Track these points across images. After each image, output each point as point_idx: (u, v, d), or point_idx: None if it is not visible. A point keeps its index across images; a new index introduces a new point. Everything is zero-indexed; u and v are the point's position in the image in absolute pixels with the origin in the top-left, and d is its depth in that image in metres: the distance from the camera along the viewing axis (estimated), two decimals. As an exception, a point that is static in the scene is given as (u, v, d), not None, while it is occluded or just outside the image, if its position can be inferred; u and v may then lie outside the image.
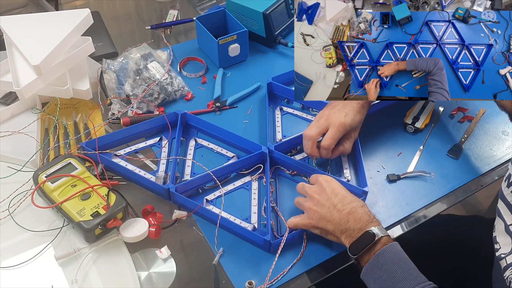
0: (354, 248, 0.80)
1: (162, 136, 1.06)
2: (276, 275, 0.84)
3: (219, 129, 1.05)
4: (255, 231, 0.89)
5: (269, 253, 0.87)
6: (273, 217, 0.92)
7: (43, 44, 1.02)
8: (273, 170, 1.01)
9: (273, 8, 1.26)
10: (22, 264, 0.83)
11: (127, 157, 1.00)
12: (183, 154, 1.04)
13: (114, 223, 0.85)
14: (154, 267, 0.84)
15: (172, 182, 0.94)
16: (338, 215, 0.82)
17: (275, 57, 1.30)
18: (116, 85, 1.12)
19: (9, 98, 1.07)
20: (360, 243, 0.79)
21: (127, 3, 1.54)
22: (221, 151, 1.05)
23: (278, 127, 1.10)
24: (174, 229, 0.91)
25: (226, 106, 1.15)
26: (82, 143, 0.99)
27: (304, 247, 0.88)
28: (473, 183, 1.01)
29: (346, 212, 0.82)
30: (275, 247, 0.86)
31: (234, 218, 0.91)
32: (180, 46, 1.32)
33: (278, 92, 1.17)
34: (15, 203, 0.91)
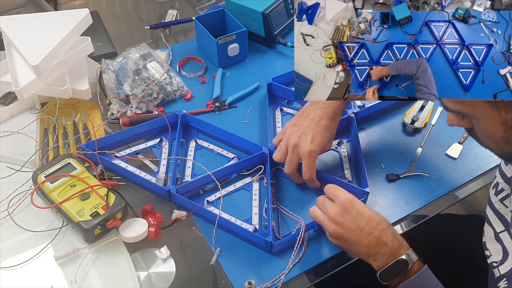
0: (385, 274, 0.78)
1: (162, 137, 1.06)
2: (276, 275, 0.84)
3: (219, 130, 1.05)
4: (256, 232, 0.89)
5: (270, 254, 0.87)
6: (274, 218, 0.92)
7: (42, 44, 1.01)
8: (273, 171, 1.01)
9: (272, 8, 1.26)
10: (21, 264, 0.83)
11: (127, 158, 1.00)
12: (183, 155, 1.03)
13: (113, 223, 0.85)
14: (153, 267, 0.84)
15: (172, 183, 0.93)
16: (366, 239, 0.79)
17: (275, 56, 1.30)
18: (115, 85, 1.12)
19: (8, 98, 1.07)
20: (392, 271, 0.78)
21: (126, 3, 1.54)
22: (222, 152, 1.05)
23: (279, 128, 1.10)
24: (174, 229, 0.91)
25: (225, 106, 1.15)
26: (82, 145, 0.98)
27: (305, 247, 0.88)
28: (472, 183, 1.01)
29: (374, 236, 0.79)
30: (276, 248, 0.86)
31: (235, 220, 0.91)
32: (179, 46, 1.32)
33: (278, 93, 1.17)
34: (15, 203, 0.91)
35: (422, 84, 0.75)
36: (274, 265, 0.85)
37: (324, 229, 0.85)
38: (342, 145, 1.07)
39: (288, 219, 0.93)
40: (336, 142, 1.07)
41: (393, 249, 0.78)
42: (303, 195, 0.98)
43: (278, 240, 0.87)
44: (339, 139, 1.07)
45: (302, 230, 0.86)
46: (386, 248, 0.78)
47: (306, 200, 0.96)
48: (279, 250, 0.87)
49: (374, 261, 0.79)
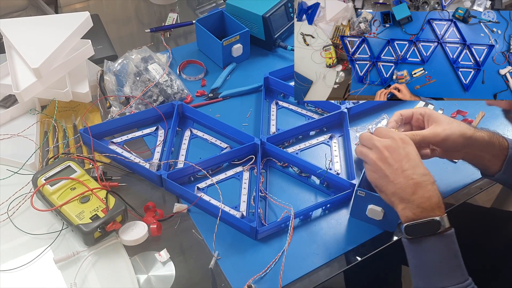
0: (413, 230, 0.74)
1: (158, 126, 1.09)
2: (276, 277, 0.83)
3: (214, 120, 1.08)
4: (243, 218, 0.91)
5: (257, 241, 0.88)
6: (262, 206, 0.94)
7: (42, 47, 1.02)
8: (264, 161, 1.03)
9: (272, 11, 1.27)
10: (21, 267, 0.83)
11: (124, 145, 1.04)
12: (178, 143, 1.06)
13: (113, 226, 0.85)
14: (153, 270, 0.84)
15: (165, 169, 0.96)
16: (405, 181, 0.74)
17: (275, 60, 1.31)
18: (116, 87, 1.12)
19: (9, 101, 1.07)
20: (421, 229, 0.73)
21: (127, 6, 1.54)
22: (215, 142, 1.08)
23: (273, 121, 1.12)
24: (174, 232, 0.90)
25: (218, 98, 1.17)
26: (80, 129, 1.02)
27: (289, 238, 0.88)
28: (472, 186, 1.01)
29: (414, 182, 0.74)
30: (261, 234, 0.88)
31: (223, 206, 0.92)
32: (179, 49, 1.32)
33: (275, 87, 1.19)
34: (14, 206, 0.90)
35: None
36: (273, 266, 0.85)
37: (365, 161, 0.81)
38: (333, 139, 1.09)
39: (276, 208, 0.94)
40: (328, 136, 1.09)
41: (429, 205, 0.73)
42: (292, 186, 0.99)
43: (263, 226, 0.88)
44: (330, 133, 1.10)
45: (292, 217, 0.88)
46: (422, 200, 0.73)
47: (296, 191, 0.98)
48: (265, 237, 0.89)
49: (404, 209, 0.75)
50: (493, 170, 0.87)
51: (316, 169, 0.97)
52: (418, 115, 0.85)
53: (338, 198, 0.93)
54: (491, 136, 0.85)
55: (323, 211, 0.94)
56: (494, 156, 0.86)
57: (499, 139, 0.86)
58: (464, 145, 0.83)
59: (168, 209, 0.93)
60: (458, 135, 0.82)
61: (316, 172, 0.96)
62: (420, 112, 0.85)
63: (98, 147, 1.00)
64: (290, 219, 0.89)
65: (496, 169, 0.87)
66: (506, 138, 0.86)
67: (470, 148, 0.84)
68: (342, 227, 0.92)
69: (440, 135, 0.81)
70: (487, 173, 0.90)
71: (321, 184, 0.99)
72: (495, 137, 0.85)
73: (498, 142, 0.85)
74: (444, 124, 0.82)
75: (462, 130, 0.82)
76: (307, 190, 0.98)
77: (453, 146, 0.83)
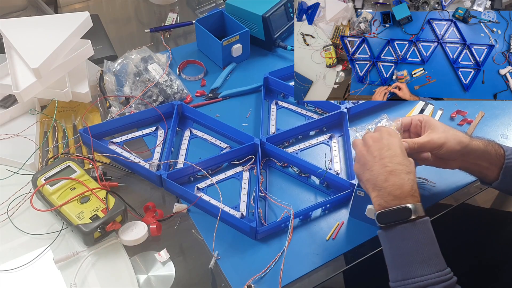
0: (384, 217, 0.74)
1: (158, 126, 1.09)
2: (276, 277, 0.83)
3: (214, 120, 1.08)
4: (243, 218, 0.91)
5: (256, 241, 0.88)
6: (261, 206, 0.94)
7: (42, 47, 1.02)
8: (264, 161, 1.03)
9: (272, 12, 1.27)
10: (21, 267, 0.83)
11: (123, 145, 1.04)
12: (178, 143, 1.06)
13: (113, 226, 0.85)
14: (153, 270, 0.84)
15: (164, 169, 0.96)
16: (379, 168, 0.76)
17: (274, 60, 1.31)
18: (116, 87, 1.12)
19: (8, 101, 1.07)
20: (392, 216, 0.73)
21: (127, 6, 1.54)
22: (215, 142, 1.08)
23: (273, 121, 1.13)
24: (173, 232, 0.90)
25: (218, 98, 1.17)
26: (79, 130, 1.02)
27: (289, 238, 0.88)
28: (472, 186, 1.01)
29: (387, 170, 0.75)
30: (261, 234, 0.88)
31: (223, 206, 0.92)
32: (179, 49, 1.32)
33: (275, 87, 1.19)
34: (14, 206, 0.90)
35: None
36: (273, 267, 0.85)
37: (355, 152, 0.83)
38: (333, 139, 1.09)
39: (276, 208, 0.94)
40: (327, 136, 1.09)
41: (401, 193, 0.73)
42: (292, 186, 0.99)
43: (263, 226, 0.88)
44: (330, 133, 1.10)
45: (291, 217, 0.88)
46: (393, 188, 0.74)
47: (296, 191, 0.98)
48: (264, 237, 0.89)
49: (377, 197, 0.75)
50: (491, 178, 0.88)
51: (316, 169, 0.97)
52: (417, 121, 0.86)
53: (337, 198, 0.94)
54: (487, 144, 0.86)
55: (323, 211, 0.94)
56: (491, 164, 0.86)
57: (495, 147, 0.86)
58: (461, 153, 0.84)
59: (168, 209, 0.93)
60: (454, 143, 0.83)
61: (316, 172, 0.96)
62: (419, 119, 0.86)
63: (98, 147, 1.00)
64: (290, 219, 0.89)
65: (494, 176, 0.87)
66: (502, 146, 0.86)
67: (467, 156, 0.85)
68: (341, 227, 0.92)
69: (436, 141, 0.82)
70: (485, 181, 0.91)
71: (321, 184, 0.99)
72: (490, 145, 0.86)
73: (494, 150, 0.86)
74: (440, 131, 0.83)
75: (458, 138, 0.83)
76: (307, 190, 0.98)
77: (449, 153, 0.84)
